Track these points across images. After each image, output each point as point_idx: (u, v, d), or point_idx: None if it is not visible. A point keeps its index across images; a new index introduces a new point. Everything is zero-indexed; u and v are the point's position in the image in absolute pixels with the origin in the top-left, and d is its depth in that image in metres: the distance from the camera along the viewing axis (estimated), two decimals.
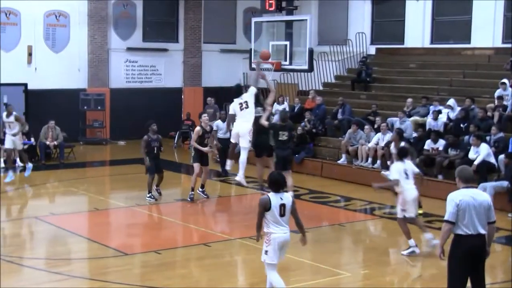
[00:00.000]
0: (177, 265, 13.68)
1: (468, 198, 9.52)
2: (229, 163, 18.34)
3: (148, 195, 19.01)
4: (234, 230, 16.58)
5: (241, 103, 17.37)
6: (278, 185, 10.42)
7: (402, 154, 14.68)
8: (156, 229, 16.56)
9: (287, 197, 10.48)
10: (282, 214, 10.40)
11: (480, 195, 9.70)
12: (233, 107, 17.80)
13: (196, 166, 19.13)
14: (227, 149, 24.54)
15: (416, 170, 14.88)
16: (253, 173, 19.30)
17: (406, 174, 14.37)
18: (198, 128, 19.49)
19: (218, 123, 24.00)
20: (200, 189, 19.48)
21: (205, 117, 19.80)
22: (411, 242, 14.23)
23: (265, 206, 10.32)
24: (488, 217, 9.61)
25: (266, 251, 10.50)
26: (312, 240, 15.52)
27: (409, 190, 14.34)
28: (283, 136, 18.12)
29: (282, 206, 10.38)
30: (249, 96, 17.43)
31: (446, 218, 9.63)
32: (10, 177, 21.67)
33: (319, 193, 20.93)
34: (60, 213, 17.76)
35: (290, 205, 10.45)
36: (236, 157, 18.21)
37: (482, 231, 9.55)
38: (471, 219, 9.48)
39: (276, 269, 10.62)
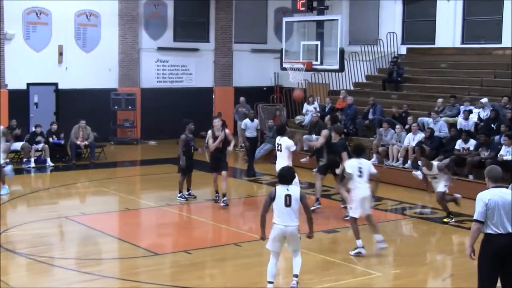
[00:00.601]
0: (208, 265, 13.66)
1: (497, 197, 9.49)
2: None
3: (179, 195, 19.01)
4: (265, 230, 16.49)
5: (278, 144, 17.80)
6: (284, 178, 11.31)
7: (357, 152, 14.69)
8: (187, 229, 16.55)
9: (294, 189, 11.19)
10: (287, 205, 11.04)
11: (509, 194, 9.62)
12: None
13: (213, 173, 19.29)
14: (255, 148, 24.63)
15: (374, 170, 14.73)
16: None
17: (361, 172, 14.25)
18: (209, 132, 19.28)
19: (247, 121, 23.97)
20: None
21: (216, 122, 19.27)
22: (359, 242, 14.10)
23: (271, 196, 11.11)
24: None
25: (268, 238, 11.36)
26: (343, 241, 15.48)
27: (360, 188, 14.21)
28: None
29: (288, 196, 11.05)
30: (284, 141, 17.58)
31: (475, 217, 9.60)
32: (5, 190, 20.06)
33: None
34: (90, 213, 17.81)
35: (297, 196, 11.08)
36: None
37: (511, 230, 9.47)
38: (501, 218, 9.43)
39: (276, 257, 11.34)
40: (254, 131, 24.02)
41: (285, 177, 11.31)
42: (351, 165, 14.29)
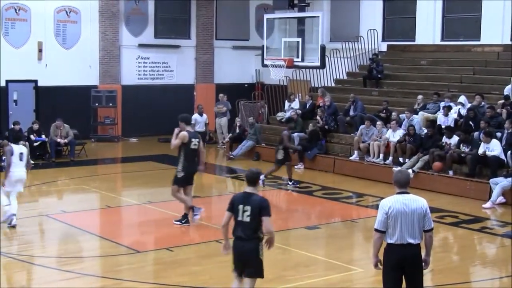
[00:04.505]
0: (190, 262, 13.63)
1: (400, 205, 9.00)
2: None
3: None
4: None
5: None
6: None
7: (15, 138, 16.34)
8: (168, 226, 16.50)
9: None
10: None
11: (414, 201, 9.08)
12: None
13: None
14: (204, 143, 24.65)
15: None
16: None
17: (21, 157, 15.67)
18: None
19: (196, 116, 24.00)
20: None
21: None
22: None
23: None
24: (423, 225, 9.08)
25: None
26: (324, 236, 15.51)
27: (17, 172, 15.59)
28: None
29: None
30: None
31: (375, 226, 9.15)
32: None
33: (331, 189, 20.88)
34: (71, 211, 17.73)
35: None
36: None
37: (411, 241, 9.02)
38: (400, 228, 8.98)
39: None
40: (203, 126, 24.01)
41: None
42: (10, 150, 15.58)
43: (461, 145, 20.60)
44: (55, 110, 27.41)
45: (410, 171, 20.96)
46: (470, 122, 21.64)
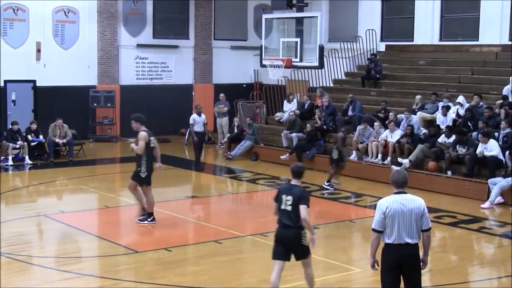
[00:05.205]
0: (188, 263, 13.66)
1: (397, 205, 9.03)
2: None
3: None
4: (245, 227, 16.52)
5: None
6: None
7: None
8: (167, 226, 16.49)
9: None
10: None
11: (412, 201, 9.10)
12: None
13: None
14: (203, 142, 24.62)
15: None
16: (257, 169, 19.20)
17: None
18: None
19: (195, 116, 23.90)
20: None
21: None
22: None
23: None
24: (421, 224, 9.09)
25: None
26: (323, 236, 15.49)
27: None
28: None
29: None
30: None
31: (372, 226, 9.17)
32: None
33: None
34: (69, 211, 17.72)
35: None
36: None
37: (409, 241, 9.03)
38: (398, 227, 9.00)
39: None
40: (201, 126, 23.96)
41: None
42: None
43: (457, 145, 20.61)
44: (54, 110, 27.38)
45: (406, 160, 21.05)
46: (468, 123, 21.66)
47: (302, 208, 10.41)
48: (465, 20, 28.55)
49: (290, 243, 10.56)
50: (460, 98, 22.98)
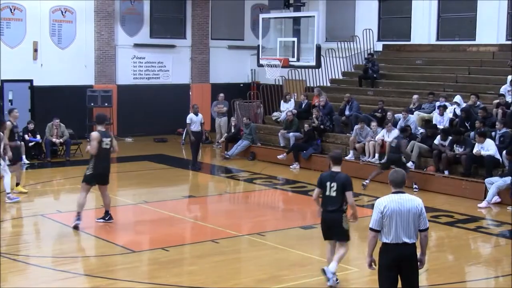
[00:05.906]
0: (185, 262, 13.64)
1: (395, 205, 9.03)
2: None
3: None
4: (241, 227, 16.52)
5: None
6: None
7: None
8: (164, 226, 16.49)
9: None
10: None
11: (409, 201, 9.10)
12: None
13: None
14: (199, 142, 24.59)
15: None
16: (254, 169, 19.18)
17: None
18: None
19: (192, 116, 23.85)
20: None
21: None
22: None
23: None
24: (418, 224, 9.10)
25: None
26: (320, 236, 15.47)
27: None
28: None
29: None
30: None
31: (370, 225, 9.18)
32: None
33: None
34: (66, 211, 17.65)
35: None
36: None
37: (407, 240, 9.03)
38: (395, 227, 9.00)
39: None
40: (198, 126, 23.91)
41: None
42: None
43: (454, 145, 20.61)
44: (51, 109, 27.35)
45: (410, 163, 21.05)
46: (465, 122, 21.66)
47: (348, 194, 11.56)
48: (462, 20, 28.53)
49: (334, 226, 11.69)
50: (457, 98, 22.98)
